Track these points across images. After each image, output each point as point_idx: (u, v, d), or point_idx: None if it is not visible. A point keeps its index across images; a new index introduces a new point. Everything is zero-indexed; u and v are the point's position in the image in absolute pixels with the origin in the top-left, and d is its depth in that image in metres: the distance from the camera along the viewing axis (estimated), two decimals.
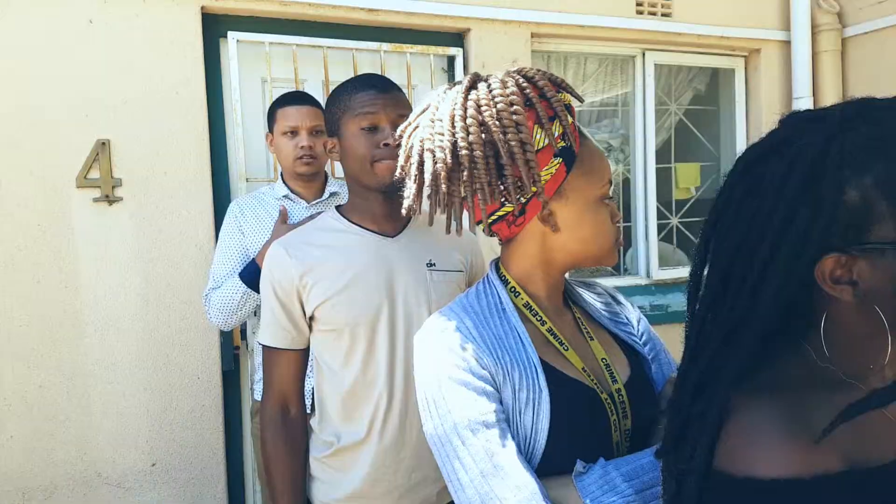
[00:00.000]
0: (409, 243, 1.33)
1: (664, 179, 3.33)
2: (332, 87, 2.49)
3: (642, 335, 1.03)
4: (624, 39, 3.07)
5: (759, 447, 0.59)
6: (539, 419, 0.84)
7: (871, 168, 0.58)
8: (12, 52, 2.11)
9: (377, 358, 1.26)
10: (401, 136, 0.96)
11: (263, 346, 1.33)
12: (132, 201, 2.26)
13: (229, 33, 2.39)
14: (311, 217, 1.84)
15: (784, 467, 0.57)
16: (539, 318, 0.92)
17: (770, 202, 0.62)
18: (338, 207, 1.38)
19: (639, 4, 3.03)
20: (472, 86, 0.89)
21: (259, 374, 1.97)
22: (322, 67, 2.52)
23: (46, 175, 2.16)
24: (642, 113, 3.23)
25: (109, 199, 2.22)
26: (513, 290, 0.94)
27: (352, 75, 2.42)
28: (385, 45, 2.60)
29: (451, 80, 2.78)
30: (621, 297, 1.10)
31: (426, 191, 0.88)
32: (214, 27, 2.40)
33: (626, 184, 3.31)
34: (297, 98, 2.01)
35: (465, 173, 0.85)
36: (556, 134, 0.87)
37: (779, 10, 3.33)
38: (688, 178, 3.39)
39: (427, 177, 0.87)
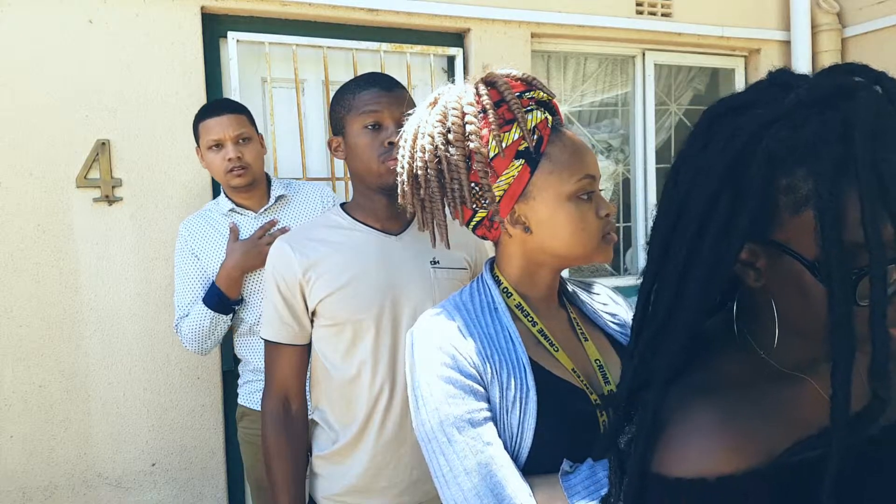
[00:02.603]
0: (413, 241, 1.34)
1: (664, 179, 3.32)
2: (332, 87, 2.50)
3: None
4: (624, 39, 3.06)
5: (690, 448, 0.58)
6: (526, 418, 0.84)
7: (792, 171, 0.57)
8: (12, 52, 2.12)
9: (379, 354, 1.27)
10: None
11: (266, 342, 1.33)
12: (132, 201, 2.26)
13: (229, 33, 2.39)
14: (263, 227, 1.84)
15: (713, 467, 0.57)
16: (530, 319, 0.93)
17: (703, 174, 0.61)
18: (342, 205, 1.39)
19: (639, 4, 3.02)
20: (436, 102, 0.92)
21: (244, 379, 1.96)
22: (322, 67, 2.52)
23: (46, 175, 2.16)
24: (642, 113, 3.23)
25: (109, 199, 2.22)
26: (505, 290, 0.95)
27: (352, 75, 2.42)
28: (385, 45, 2.60)
29: (452, 80, 2.78)
30: (620, 298, 1.09)
31: (407, 207, 0.96)
32: (214, 27, 2.40)
33: (626, 184, 3.31)
34: (217, 108, 1.88)
35: (423, 191, 0.91)
36: (517, 136, 0.86)
37: (779, 10, 3.32)
38: None
39: (399, 199, 0.96)
